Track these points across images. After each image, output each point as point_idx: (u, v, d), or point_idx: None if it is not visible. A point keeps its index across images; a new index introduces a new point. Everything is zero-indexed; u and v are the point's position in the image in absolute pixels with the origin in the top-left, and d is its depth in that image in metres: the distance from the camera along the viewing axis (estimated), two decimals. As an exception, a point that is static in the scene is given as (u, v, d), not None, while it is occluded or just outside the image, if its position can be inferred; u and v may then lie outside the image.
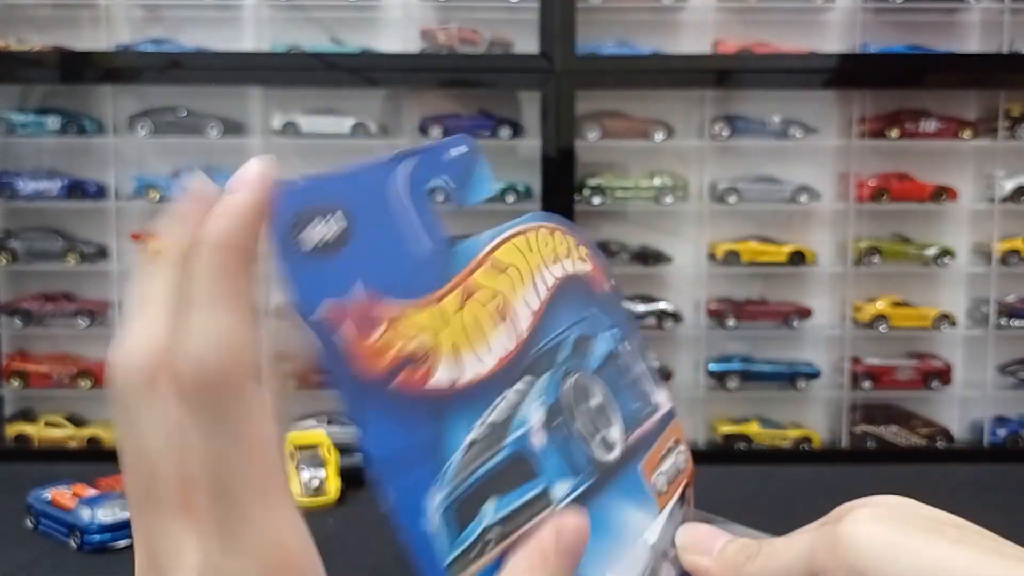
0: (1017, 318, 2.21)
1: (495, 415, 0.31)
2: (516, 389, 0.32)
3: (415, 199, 0.31)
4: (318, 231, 0.28)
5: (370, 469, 0.28)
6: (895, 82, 2.16)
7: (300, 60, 2.12)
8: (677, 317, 2.22)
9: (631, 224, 2.23)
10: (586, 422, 0.35)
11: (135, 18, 2.18)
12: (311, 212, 0.28)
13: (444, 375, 0.30)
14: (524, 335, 0.33)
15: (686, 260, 2.23)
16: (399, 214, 0.30)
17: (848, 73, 2.14)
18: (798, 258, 2.21)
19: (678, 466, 0.39)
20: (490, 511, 0.30)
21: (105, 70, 2.10)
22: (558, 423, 0.33)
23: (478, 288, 0.32)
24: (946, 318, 2.22)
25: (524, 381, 0.33)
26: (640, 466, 0.37)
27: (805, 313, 2.23)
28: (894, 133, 2.18)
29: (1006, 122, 2.17)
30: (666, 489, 0.38)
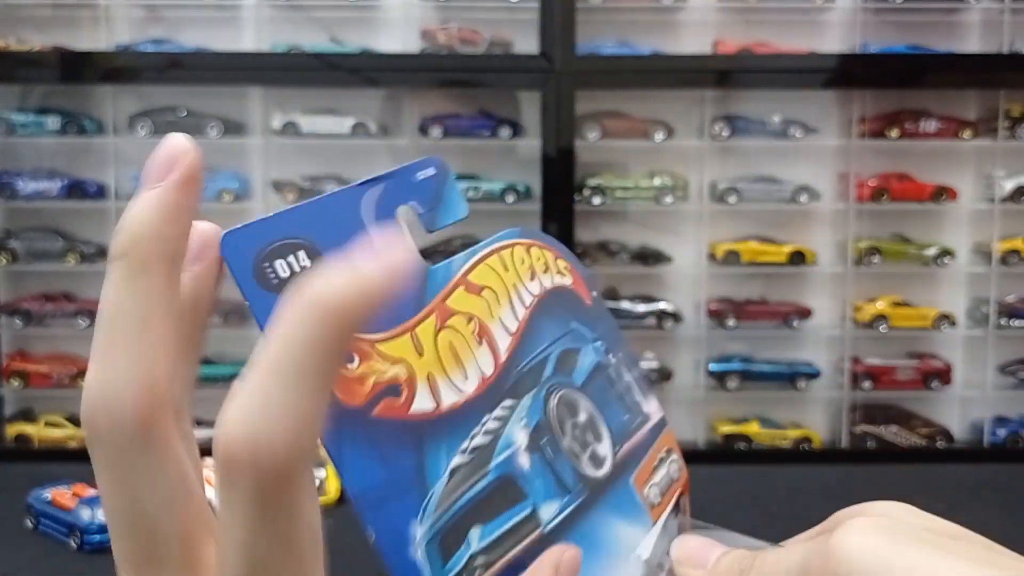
0: (1017, 318, 2.21)
1: (478, 439, 0.31)
2: (499, 411, 0.32)
3: (383, 226, 0.30)
4: (286, 264, 0.27)
5: (351, 504, 0.27)
6: (895, 82, 2.16)
7: (300, 60, 2.12)
8: (677, 317, 2.22)
9: (631, 224, 2.23)
10: (574, 438, 0.34)
11: (135, 18, 2.18)
12: (279, 246, 0.27)
13: (422, 404, 0.30)
14: (504, 357, 0.33)
15: (686, 260, 2.23)
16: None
17: (848, 73, 2.14)
18: (798, 258, 2.21)
19: (671, 476, 0.39)
20: (475, 538, 0.30)
21: (105, 70, 2.10)
22: (544, 442, 0.33)
23: (453, 313, 0.32)
24: (946, 318, 2.22)
25: (507, 402, 0.32)
26: (631, 479, 0.36)
27: (805, 313, 2.23)
28: (894, 133, 2.18)
29: (1006, 122, 2.17)
30: (659, 501, 0.37)
